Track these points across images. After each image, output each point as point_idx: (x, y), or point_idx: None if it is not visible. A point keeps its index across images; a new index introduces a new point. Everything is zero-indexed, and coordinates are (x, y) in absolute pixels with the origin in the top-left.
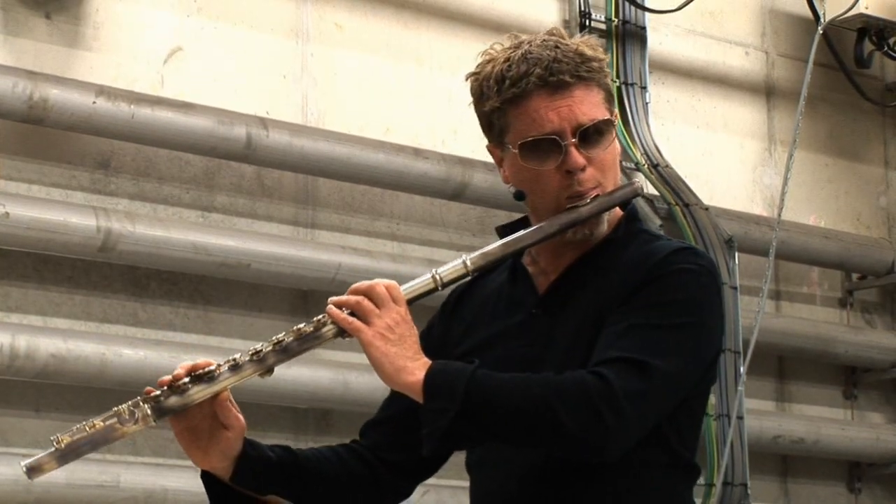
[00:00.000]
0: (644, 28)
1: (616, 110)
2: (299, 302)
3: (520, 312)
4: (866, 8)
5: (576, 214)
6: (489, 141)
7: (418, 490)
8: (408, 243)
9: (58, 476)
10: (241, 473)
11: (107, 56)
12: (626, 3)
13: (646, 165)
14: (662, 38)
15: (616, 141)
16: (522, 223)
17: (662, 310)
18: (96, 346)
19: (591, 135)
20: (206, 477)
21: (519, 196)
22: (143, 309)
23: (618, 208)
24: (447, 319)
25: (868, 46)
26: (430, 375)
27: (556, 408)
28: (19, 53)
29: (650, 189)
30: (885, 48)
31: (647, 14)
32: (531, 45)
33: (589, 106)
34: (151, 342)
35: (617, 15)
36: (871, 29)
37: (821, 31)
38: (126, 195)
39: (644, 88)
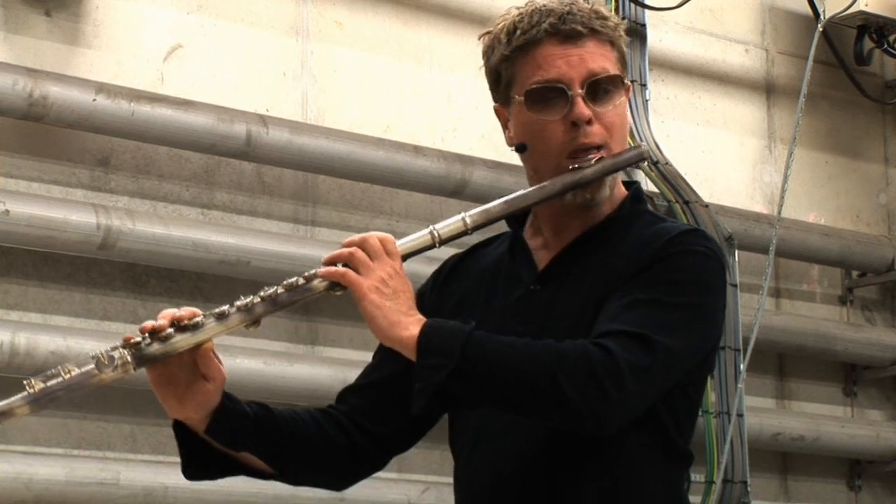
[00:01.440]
0: (644, 25)
1: (629, 82)
2: None
3: (518, 288)
4: (866, 5)
5: (579, 175)
6: (495, 101)
7: (418, 487)
8: None
9: (57, 473)
10: (217, 427)
11: (107, 53)
12: (627, 1)
13: (645, 162)
14: (662, 35)
15: (626, 105)
16: None
17: (670, 288)
18: (96, 343)
19: (600, 88)
20: (178, 427)
21: (521, 148)
22: (143, 306)
23: (622, 187)
24: (439, 290)
25: (868, 44)
26: (426, 331)
27: (558, 376)
28: (19, 51)
29: (650, 187)
30: (885, 45)
31: (647, 11)
32: (547, 2)
33: (601, 59)
34: None
35: (617, 12)
36: (870, 26)
37: (820, 29)
38: (126, 192)
39: (644, 86)
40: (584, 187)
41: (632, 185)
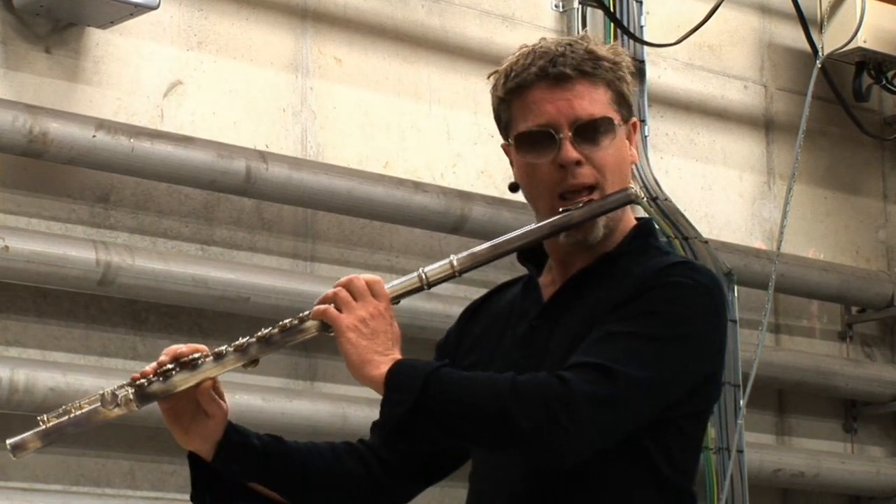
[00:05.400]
0: (643, 61)
1: (634, 118)
2: None
3: (523, 323)
4: (864, 42)
5: (567, 217)
6: (503, 139)
7: None
8: None
9: None
10: (221, 458)
11: (106, 90)
12: (625, 37)
13: (645, 199)
14: (661, 71)
15: (625, 145)
16: None
17: (646, 319)
18: (95, 379)
19: (588, 131)
20: (192, 457)
21: (513, 187)
22: (143, 342)
23: (632, 222)
24: (460, 331)
25: (866, 80)
26: (394, 370)
27: (510, 406)
28: (19, 87)
29: None
30: (884, 82)
31: (646, 47)
32: (547, 42)
33: (590, 102)
34: None
35: None
36: (869, 63)
37: (819, 65)
38: (125, 228)
39: (643, 122)
40: (575, 228)
41: (643, 220)
